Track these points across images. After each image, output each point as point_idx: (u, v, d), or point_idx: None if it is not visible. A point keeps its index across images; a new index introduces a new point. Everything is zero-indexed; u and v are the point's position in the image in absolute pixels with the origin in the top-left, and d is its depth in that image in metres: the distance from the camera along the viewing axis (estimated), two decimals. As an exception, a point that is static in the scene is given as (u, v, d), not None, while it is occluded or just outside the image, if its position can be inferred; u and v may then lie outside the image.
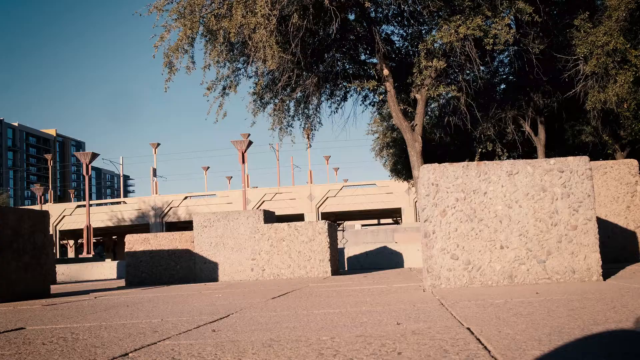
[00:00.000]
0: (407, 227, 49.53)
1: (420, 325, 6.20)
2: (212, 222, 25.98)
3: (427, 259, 11.72)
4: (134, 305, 12.43)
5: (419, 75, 24.79)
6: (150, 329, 7.55)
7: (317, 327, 6.61)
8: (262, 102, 27.98)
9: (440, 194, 11.80)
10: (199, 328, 7.33)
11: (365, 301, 9.79)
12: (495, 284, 11.17)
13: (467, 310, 7.30)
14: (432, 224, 11.85)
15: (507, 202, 11.60)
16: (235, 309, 9.71)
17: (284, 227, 24.99)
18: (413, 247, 30.17)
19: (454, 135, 35.01)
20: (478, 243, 11.50)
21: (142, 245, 26.66)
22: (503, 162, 11.80)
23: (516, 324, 5.86)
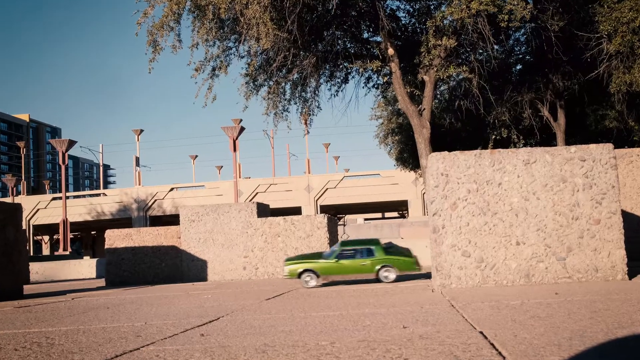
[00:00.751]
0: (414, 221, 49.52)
1: (429, 329, 6.20)
2: (201, 216, 25.92)
3: (436, 256, 11.71)
4: (115, 307, 12.42)
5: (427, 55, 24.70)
6: (133, 333, 7.54)
7: (316, 331, 6.60)
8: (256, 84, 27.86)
9: (450, 185, 11.78)
10: (186, 332, 7.32)
11: (368, 302, 9.79)
12: (511, 284, 11.16)
13: (480, 312, 7.29)
14: (442, 217, 11.83)
15: (524, 193, 11.57)
16: (226, 311, 9.70)
17: (279, 222, 24.94)
18: (421, 243, 30.09)
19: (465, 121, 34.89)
20: (492, 239, 11.49)
21: (123, 241, 26.63)
22: (519, 150, 11.78)
23: (534, 328, 5.86)
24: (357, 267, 15.76)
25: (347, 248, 16.32)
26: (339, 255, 16.12)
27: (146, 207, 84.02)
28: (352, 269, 15.78)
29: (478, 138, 36.37)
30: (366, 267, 15.70)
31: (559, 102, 32.03)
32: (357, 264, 15.79)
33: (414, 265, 15.57)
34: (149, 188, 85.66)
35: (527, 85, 31.04)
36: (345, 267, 15.82)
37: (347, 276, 15.95)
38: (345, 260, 15.96)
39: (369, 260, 15.81)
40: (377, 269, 15.64)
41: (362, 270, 15.73)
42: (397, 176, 74.07)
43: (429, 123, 25.63)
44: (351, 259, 15.99)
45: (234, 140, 51.69)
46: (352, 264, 15.85)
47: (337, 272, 15.87)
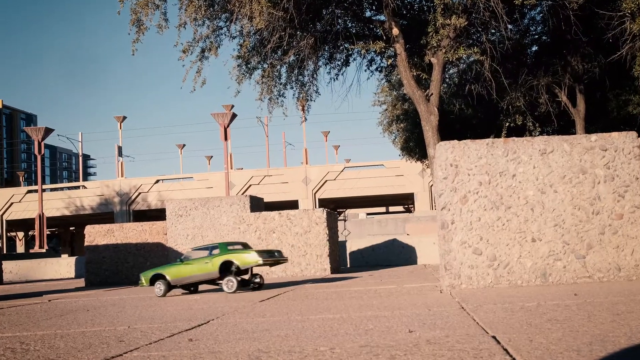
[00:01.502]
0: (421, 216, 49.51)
1: (437, 333, 6.20)
2: (189, 211, 25.90)
3: (444, 254, 11.70)
4: (96, 309, 12.43)
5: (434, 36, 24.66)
6: (115, 338, 7.54)
7: (314, 336, 6.60)
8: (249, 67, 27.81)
9: (460, 176, 11.78)
10: (173, 337, 7.32)
11: (371, 304, 9.80)
12: (526, 284, 11.16)
13: (493, 314, 7.30)
14: (451, 212, 11.83)
15: (540, 186, 11.57)
16: (216, 314, 9.71)
17: (274, 217, 24.90)
18: (428, 239, 30.16)
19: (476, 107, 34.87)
20: (505, 235, 11.49)
21: (105, 237, 26.62)
22: (535, 139, 11.77)
23: (551, 332, 5.86)
24: (201, 267, 16.52)
25: (195, 250, 17.23)
26: (185, 258, 16.97)
27: (129, 200, 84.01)
28: (196, 269, 16.57)
29: (490, 126, 36.36)
30: (209, 266, 16.40)
31: (578, 87, 32.01)
32: (201, 263, 16.54)
33: (255, 258, 15.96)
34: (133, 180, 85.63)
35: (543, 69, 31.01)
36: (191, 268, 16.62)
37: (194, 277, 16.68)
38: (191, 262, 16.73)
39: (211, 258, 16.49)
40: (220, 265, 16.23)
41: (205, 269, 16.45)
42: (402, 167, 74.03)
43: (437, 109, 25.61)
44: (196, 259, 16.74)
45: (225, 128, 51.64)
46: (196, 264, 16.62)
47: (184, 274, 16.69)
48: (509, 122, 33.61)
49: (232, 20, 25.05)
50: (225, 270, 16.20)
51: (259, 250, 16.38)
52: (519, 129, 33.57)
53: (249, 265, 15.99)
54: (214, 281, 16.63)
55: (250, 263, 15.97)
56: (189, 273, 16.70)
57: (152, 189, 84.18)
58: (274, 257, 16.59)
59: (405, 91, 28.18)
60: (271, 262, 16.61)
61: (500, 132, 33.94)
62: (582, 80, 32.00)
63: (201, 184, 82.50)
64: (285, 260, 17.19)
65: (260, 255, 16.05)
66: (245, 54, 26.58)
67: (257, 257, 15.95)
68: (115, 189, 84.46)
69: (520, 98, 31.59)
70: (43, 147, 58.37)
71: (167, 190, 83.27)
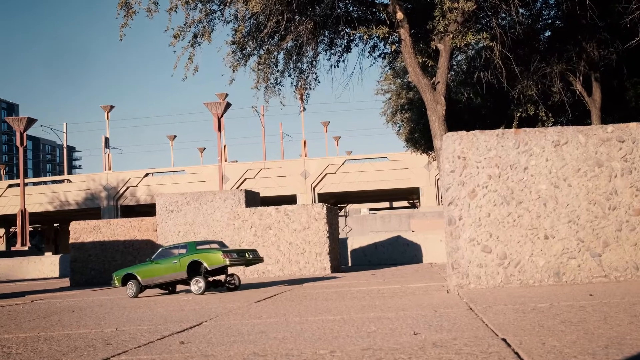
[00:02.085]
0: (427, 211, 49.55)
1: (444, 336, 6.21)
2: (180, 206, 25.88)
3: (452, 251, 11.70)
4: (82, 310, 12.44)
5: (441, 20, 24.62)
6: (102, 340, 7.54)
7: (313, 338, 6.61)
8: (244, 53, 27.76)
9: (468, 169, 11.77)
10: (163, 339, 7.32)
11: (374, 305, 9.80)
12: (538, 283, 11.16)
13: (503, 316, 7.30)
14: (459, 207, 11.82)
15: (553, 180, 11.56)
16: (210, 316, 9.72)
17: (271, 212, 24.88)
18: (434, 237, 30.16)
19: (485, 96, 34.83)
20: (516, 232, 11.48)
21: (91, 234, 26.61)
22: (548, 130, 11.76)
23: (564, 334, 5.87)
24: (170, 267, 16.84)
25: (165, 249, 17.48)
26: (156, 257, 17.26)
27: (117, 195, 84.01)
28: (165, 269, 16.91)
29: (500, 115, 36.32)
30: (178, 266, 16.69)
31: (593, 75, 31.97)
32: (170, 262, 16.87)
33: (221, 259, 16.06)
34: (121, 173, 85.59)
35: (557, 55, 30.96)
36: (160, 268, 16.97)
37: (163, 277, 17.01)
38: (161, 261, 17.06)
39: (180, 257, 16.78)
40: (188, 265, 16.49)
41: (174, 269, 16.76)
42: (407, 159, 74.03)
43: (444, 98, 25.59)
44: (166, 259, 17.06)
45: (218, 118, 51.61)
46: (165, 264, 16.94)
47: (154, 274, 17.03)
48: (520, 112, 33.60)
49: (226, 3, 25.03)
50: (195, 271, 16.39)
51: (229, 250, 16.47)
52: (530, 119, 33.57)
53: (216, 265, 16.13)
54: (185, 281, 16.77)
55: (218, 263, 16.11)
56: (159, 273, 17.00)
57: (141, 182, 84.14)
58: (245, 258, 16.68)
59: (410, 79, 28.14)
60: (241, 262, 16.70)
61: (511, 123, 33.92)
62: (598, 67, 31.96)
63: (193, 177, 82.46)
64: (260, 260, 17.30)
65: (228, 255, 16.15)
66: (240, 39, 26.54)
67: (223, 258, 16.06)
68: (102, 182, 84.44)
69: (533, 86, 31.55)
70: (25, 138, 58.34)
71: (157, 184, 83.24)
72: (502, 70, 26.78)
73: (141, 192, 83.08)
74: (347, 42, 29.16)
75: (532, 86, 31.51)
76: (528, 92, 31.94)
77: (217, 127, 52.09)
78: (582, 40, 30.58)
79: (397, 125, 44.90)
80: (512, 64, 26.82)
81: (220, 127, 52.35)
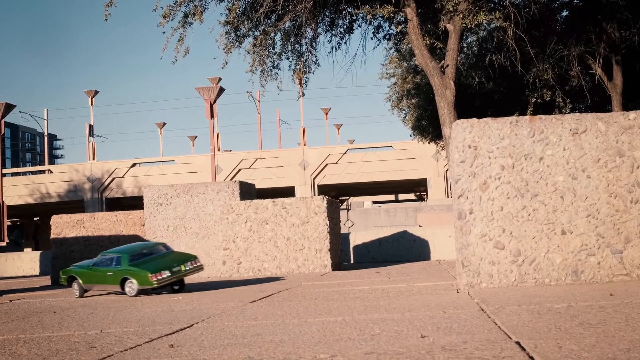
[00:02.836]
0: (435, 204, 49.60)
1: (453, 339, 6.21)
2: (170, 198, 25.84)
3: (462, 248, 11.69)
4: (64, 311, 12.44)
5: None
6: (86, 343, 7.54)
7: (313, 341, 6.61)
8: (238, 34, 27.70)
9: (480, 159, 11.75)
10: (151, 342, 7.32)
11: (378, 306, 9.80)
12: (555, 282, 11.16)
13: (517, 317, 7.30)
14: (469, 200, 11.80)
15: (571, 171, 11.54)
16: (201, 317, 9.72)
17: (267, 205, 24.84)
18: (443, 232, 30.16)
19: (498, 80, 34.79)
20: (531, 227, 11.47)
21: (74, 229, 26.59)
22: (565, 117, 11.75)
23: (583, 337, 5.86)
24: (105, 277, 16.86)
25: (104, 256, 17.42)
26: (96, 263, 17.30)
27: (102, 187, 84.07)
28: (102, 278, 16.92)
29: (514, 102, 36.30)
30: (111, 278, 16.74)
31: (614, 57, 31.94)
32: (105, 273, 16.89)
33: (149, 280, 16.01)
34: (106, 163, 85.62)
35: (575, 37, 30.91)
36: (97, 276, 17.01)
37: (101, 285, 17.10)
38: (99, 269, 17.08)
39: (114, 270, 16.78)
40: (120, 280, 16.56)
41: (109, 281, 16.79)
42: (413, 149, 74.06)
43: (454, 83, 25.55)
44: (103, 267, 17.06)
45: (211, 104, 51.54)
46: (102, 273, 16.98)
47: (93, 281, 17.12)
48: (535, 97, 33.57)
49: (220, -20, 24.99)
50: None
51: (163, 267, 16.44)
52: (547, 106, 33.53)
53: (146, 286, 16.20)
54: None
55: (146, 284, 16.15)
56: (97, 281, 17.08)
57: (128, 173, 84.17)
58: (179, 274, 16.68)
59: (417, 62, 28.10)
60: (172, 280, 16.69)
61: (526, 109, 33.90)
62: (619, 49, 31.93)
63: (184, 168, 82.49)
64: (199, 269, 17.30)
65: (158, 275, 16.14)
66: (234, 19, 26.50)
67: (151, 279, 16.08)
68: (85, 173, 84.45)
69: (549, 70, 31.50)
70: (3, 125, 58.30)
71: (145, 175, 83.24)
72: (516, 52, 26.75)
73: (128, 184, 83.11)
74: (350, 22, 29.12)
75: (549, 70, 31.47)
76: (544, 77, 31.90)
77: (209, 113, 52.03)
78: (602, 21, 30.54)
79: (403, 112, 44.85)
80: (526, 46, 26.78)
81: (213, 113, 52.29)
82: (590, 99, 33.24)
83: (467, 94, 34.09)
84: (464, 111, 26.18)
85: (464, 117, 13.11)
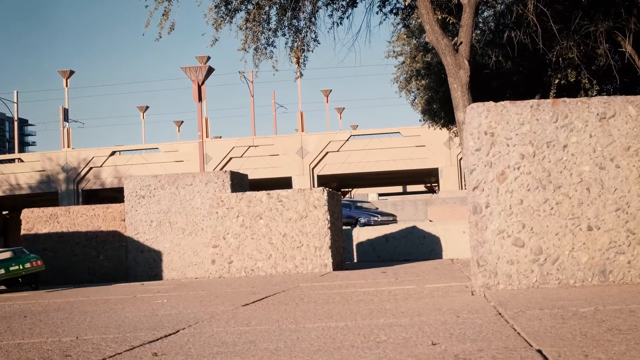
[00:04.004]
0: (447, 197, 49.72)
1: (467, 347, 6.21)
2: (153, 190, 25.79)
3: (477, 245, 11.69)
4: (36, 315, 12.44)
5: (465, -32, 24.55)
6: (60, 351, 7.55)
7: (312, 349, 6.61)
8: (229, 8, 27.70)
9: (497, 147, 11.74)
10: (132, 350, 7.33)
11: (384, 310, 9.81)
12: (580, 283, 11.16)
13: (538, 323, 7.30)
14: (485, 193, 11.79)
15: (598, 160, 11.53)
16: (188, 322, 9.72)
17: (261, 198, 24.79)
18: (456, 227, 30.16)
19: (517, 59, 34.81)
20: (554, 222, 11.46)
21: (47, 224, 26.55)
22: (592, 100, 11.74)
23: (611, 345, 5.86)
24: None
25: None
26: None
27: (78, 177, 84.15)
28: None
29: (535, 83, 36.31)
30: None
31: (647, 33, 31.93)
32: None
33: None
34: (82, 152, 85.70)
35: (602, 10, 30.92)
36: None
37: None
38: None
39: None
40: None
41: None
42: (423, 135, 74.17)
43: (468, 62, 25.54)
44: None
45: (199, 85, 51.53)
46: None
47: None
48: (558, 78, 33.55)
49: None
50: None
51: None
52: (571, 87, 33.52)
53: None
54: None
55: None
56: None
57: (107, 162, 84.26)
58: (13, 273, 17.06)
59: (428, 39, 28.06)
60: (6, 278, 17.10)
61: (548, 92, 33.89)
62: (652, 25, 31.88)
63: (169, 156, 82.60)
64: (39, 269, 17.67)
65: None
66: (224, -9, 26.48)
67: None
68: (60, 162, 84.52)
69: (574, 48, 31.50)
70: (-32, 109, 58.31)
71: (126, 164, 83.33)
72: (537, 28, 26.75)
73: (106, 174, 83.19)
74: (353, -6, 29.11)
75: (573, 48, 31.46)
76: (568, 55, 31.89)
77: (197, 96, 52.01)
78: (633, -7, 30.51)
79: (411, 94, 44.83)
80: (549, 21, 26.78)
81: (201, 96, 52.27)
82: (619, 80, 33.21)
83: (482, 75, 34.06)
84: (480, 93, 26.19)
85: (480, 100, 13.11)
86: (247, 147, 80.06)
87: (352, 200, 63.46)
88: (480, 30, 35.76)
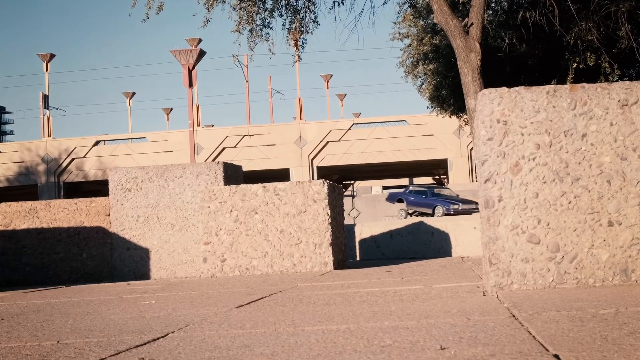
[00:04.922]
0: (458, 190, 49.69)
1: (479, 351, 6.21)
2: (141, 183, 25.75)
3: (489, 242, 11.68)
4: (14, 318, 12.45)
5: (476, -57, 24.55)
6: (40, 356, 7.55)
7: (311, 354, 6.62)
8: (221, -13, 27.70)
9: (511, 137, 11.73)
10: (118, 356, 7.33)
11: (390, 311, 9.81)
12: (600, 283, 11.16)
13: (555, 325, 7.31)
14: (498, 185, 11.79)
15: (620, 150, 11.52)
16: (178, 325, 9.73)
17: (256, 191, 24.75)
18: (466, 223, 30.17)
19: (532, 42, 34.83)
20: (572, 217, 11.46)
21: (25, 220, 26.53)
22: (613, 86, 11.73)
23: (634, 349, 5.87)
24: None
25: None
26: None
27: (59, 169, 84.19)
28: None
29: (552, 67, 36.33)
30: None
31: (672, 14, 31.93)
32: None
33: None
34: (64, 141, 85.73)
35: (625, -11, 30.91)
36: None
37: None
38: None
39: None
40: None
41: None
42: (431, 124, 74.24)
43: (479, 45, 25.55)
44: None
45: (189, 70, 51.53)
46: None
47: None
48: (577, 62, 33.59)
49: None
50: None
51: None
52: (590, 72, 33.54)
53: None
54: None
55: None
56: None
57: (90, 153, 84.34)
58: None
59: (436, 20, 28.09)
60: None
61: (566, 77, 33.93)
62: (678, 4, 31.88)
63: (157, 146, 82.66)
64: None
65: None
66: (216, -32, 26.47)
67: None
68: (39, 153, 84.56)
69: (593, 30, 31.51)
70: (-59, 96, 58.31)
71: (111, 155, 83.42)
72: (553, 8, 26.76)
73: (90, 165, 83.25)
74: (355, -29, 29.08)
75: (593, 29, 31.47)
76: (587, 37, 31.91)
77: (187, 81, 52.02)
78: (657, -30, 30.50)
79: (418, 79, 44.88)
80: (566, 1, 26.78)
81: (192, 81, 52.27)
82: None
83: (495, 58, 34.10)
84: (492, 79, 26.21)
85: (492, 85, 13.10)
86: (241, 137, 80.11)
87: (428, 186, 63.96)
88: (492, 10, 35.80)
